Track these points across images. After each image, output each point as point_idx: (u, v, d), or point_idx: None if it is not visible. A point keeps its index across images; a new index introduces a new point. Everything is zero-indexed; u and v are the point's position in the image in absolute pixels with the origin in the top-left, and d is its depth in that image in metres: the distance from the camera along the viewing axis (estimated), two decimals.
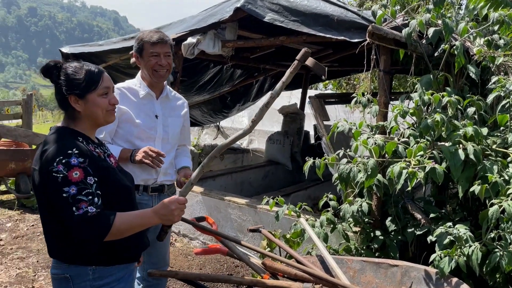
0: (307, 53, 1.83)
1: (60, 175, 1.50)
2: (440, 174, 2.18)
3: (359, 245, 3.09)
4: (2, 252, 4.16)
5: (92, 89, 1.65)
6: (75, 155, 1.53)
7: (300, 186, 5.58)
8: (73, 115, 1.68)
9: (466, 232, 2.21)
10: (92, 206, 1.52)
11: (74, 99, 1.64)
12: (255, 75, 6.44)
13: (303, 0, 3.54)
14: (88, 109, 1.66)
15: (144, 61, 2.43)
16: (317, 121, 3.64)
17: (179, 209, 1.61)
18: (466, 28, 2.61)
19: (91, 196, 1.53)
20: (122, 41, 4.93)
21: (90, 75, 1.66)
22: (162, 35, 2.42)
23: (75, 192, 1.50)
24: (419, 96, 2.54)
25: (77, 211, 1.49)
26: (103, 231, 1.53)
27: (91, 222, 1.51)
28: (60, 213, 1.53)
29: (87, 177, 1.54)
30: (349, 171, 2.57)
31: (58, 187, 1.50)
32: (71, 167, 1.51)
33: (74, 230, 1.52)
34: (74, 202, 1.50)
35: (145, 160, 2.31)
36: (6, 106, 10.07)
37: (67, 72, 1.65)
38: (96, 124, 1.73)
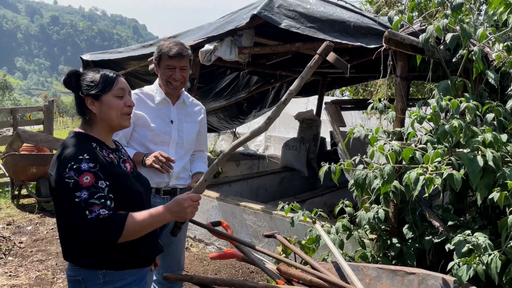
0: (329, 46, 1.72)
1: (72, 180, 1.53)
2: (458, 180, 2.15)
3: (376, 253, 3.06)
4: (22, 254, 4.25)
5: (107, 90, 1.69)
6: (85, 160, 1.56)
7: (316, 193, 5.56)
8: (90, 119, 1.72)
9: (485, 240, 2.17)
10: (104, 208, 1.54)
11: (91, 101, 1.69)
12: (271, 82, 6.47)
13: (319, 7, 3.55)
14: (103, 111, 1.69)
15: (160, 71, 2.49)
16: (333, 127, 3.63)
17: (192, 206, 1.62)
18: (485, 34, 2.58)
19: (104, 199, 1.55)
20: (141, 48, 5.02)
21: (105, 77, 1.70)
22: (181, 49, 2.42)
23: (86, 196, 1.52)
24: (436, 102, 2.51)
25: (90, 215, 1.52)
26: (117, 232, 1.55)
27: (104, 224, 1.53)
28: (73, 217, 1.55)
29: (98, 181, 1.56)
30: (365, 177, 2.56)
31: (70, 193, 1.53)
32: (82, 172, 1.54)
33: (88, 233, 1.54)
34: (86, 206, 1.52)
35: (154, 165, 2.35)
36: (28, 112, 10.32)
37: (84, 77, 1.71)
38: (111, 127, 1.75)
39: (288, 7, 3.69)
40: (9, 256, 4.17)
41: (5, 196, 6.32)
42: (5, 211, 5.66)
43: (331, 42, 1.74)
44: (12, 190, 6.15)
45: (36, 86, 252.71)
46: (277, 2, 3.76)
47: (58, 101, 58.88)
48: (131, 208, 1.69)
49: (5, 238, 4.54)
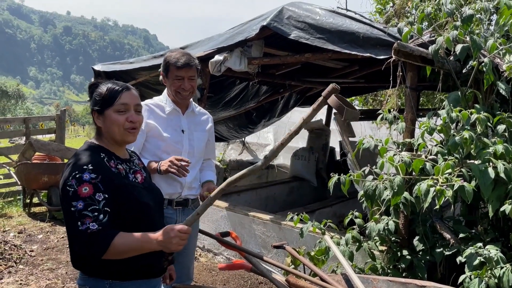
0: (334, 90, 1.74)
1: (72, 189, 1.56)
2: (469, 192, 2.13)
3: (386, 265, 3.03)
4: (33, 263, 4.28)
5: (108, 105, 1.71)
6: (88, 170, 1.58)
7: (325, 203, 5.53)
8: (98, 130, 1.76)
9: (497, 253, 2.14)
10: (95, 222, 1.54)
11: (96, 115, 1.72)
12: (281, 91, 6.49)
13: (329, 18, 3.57)
14: (106, 125, 1.72)
15: (168, 82, 2.51)
16: (342, 138, 3.63)
17: (178, 237, 1.56)
18: (495, 45, 2.57)
19: (97, 212, 1.56)
20: (151, 58, 5.07)
21: (109, 92, 1.72)
22: (188, 59, 2.45)
23: (81, 207, 1.54)
24: (446, 113, 2.50)
25: (81, 226, 1.53)
26: (100, 249, 1.55)
27: (90, 238, 1.54)
28: (67, 225, 1.59)
29: (96, 193, 1.57)
30: (374, 188, 2.54)
31: (68, 201, 1.56)
32: (82, 182, 1.56)
33: (75, 243, 1.57)
34: (79, 217, 1.54)
35: (171, 169, 2.35)
36: (40, 121, 10.46)
37: (94, 90, 1.75)
38: (115, 141, 1.76)
39: (297, 18, 3.72)
40: (20, 264, 4.21)
41: (17, 205, 6.39)
42: (16, 219, 5.72)
43: (337, 86, 1.73)
44: (23, 198, 6.21)
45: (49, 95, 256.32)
46: (286, 13, 3.79)
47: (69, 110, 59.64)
48: (138, 219, 1.70)
49: (16, 246, 4.58)
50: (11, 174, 6.37)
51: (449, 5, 2.53)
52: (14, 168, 6.25)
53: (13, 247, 4.53)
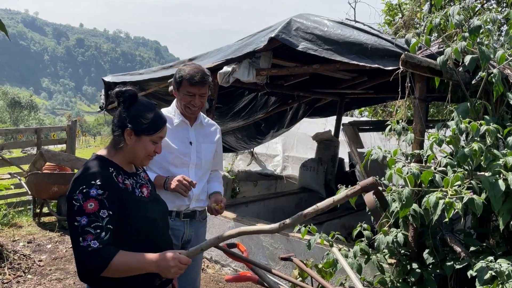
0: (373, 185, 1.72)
1: (77, 203, 1.56)
2: (479, 205, 2.09)
3: (395, 278, 2.98)
4: (41, 273, 4.30)
5: (150, 133, 1.73)
6: (96, 186, 1.58)
7: (333, 215, 5.47)
8: (118, 143, 1.74)
9: (509, 267, 2.09)
10: (96, 240, 1.55)
11: (130, 132, 1.71)
12: (289, 102, 6.49)
13: (337, 29, 3.58)
14: (135, 147, 1.73)
15: (179, 96, 2.50)
16: (350, 149, 3.61)
17: (177, 267, 1.59)
18: (505, 56, 2.55)
19: (99, 230, 1.56)
20: (161, 69, 5.12)
21: (155, 120, 1.74)
22: (202, 76, 2.43)
23: (85, 223, 1.55)
24: (455, 124, 2.48)
25: (82, 242, 1.54)
26: (99, 267, 1.55)
27: (90, 256, 1.54)
28: (70, 237, 1.59)
29: (101, 210, 1.57)
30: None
31: (73, 215, 1.56)
32: (88, 198, 1.56)
33: (77, 258, 1.57)
34: (82, 233, 1.54)
35: (178, 189, 2.37)
36: (52, 132, 10.60)
37: (139, 107, 1.73)
38: (132, 161, 1.79)
39: (305, 29, 3.73)
40: (28, 274, 4.22)
41: (27, 214, 6.44)
42: (26, 229, 5.76)
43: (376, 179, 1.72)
44: (34, 208, 6.26)
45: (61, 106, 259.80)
46: (294, 25, 3.81)
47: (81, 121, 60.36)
48: (143, 234, 1.70)
49: (25, 256, 4.60)
50: (22, 184, 6.43)
51: (457, 16, 2.52)
52: (24, 178, 6.31)
53: (22, 256, 4.55)
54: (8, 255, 4.37)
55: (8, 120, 51.67)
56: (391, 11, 7.30)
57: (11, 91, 62.44)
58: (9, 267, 4.21)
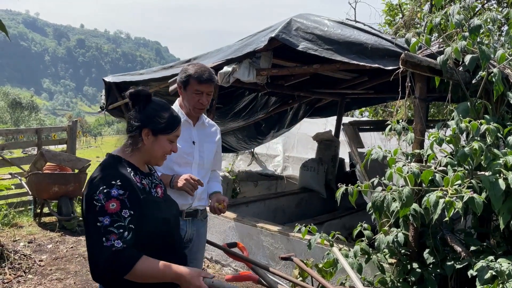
0: None
1: (99, 204, 1.55)
2: (479, 204, 2.09)
3: (395, 278, 2.98)
4: (42, 272, 4.30)
5: (167, 132, 1.75)
6: (117, 186, 1.58)
7: (334, 215, 5.48)
8: (136, 143, 1.74)
9: (509, 267, 2.09)
10: (119, 240, 1.54)
11: (147, 132, 1.72)
12: (290, 102, 6.49)
13: (337, 29, 3.58)
14: (152, 146, 1.74)
15: (186, 95, 2.51)
16: (351, 148, 3.60)
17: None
18: (505, 55, 2.55)
19: (122, 229, 1.56)
20: (161, 70, 5.13)
21: (172, 120, 1.76)
22: (210, 75, 2.47)
23: (108, 223, 1.54)
24: (456, 124, 2.48)
25: (106, 242, 1.53)
26: (124, 269, 1.54)
27: (116, 256, 1.53)
28: (90, 239, 1.58)
29: (122, 209, 1.57)
30: (382, 199, 2.51)
31: (94, 215, 1.55)
32: (110, 198, 1.56)
33: (100, 259, 1.55)
34: (105, 233, 1.53)
35: (185, 188, 2.37)
36: (52, 132, 10.62)
37: (155, 107, 1.74)
38: (148, 161, 1.80)
39: (305, 29, 3.73)
40: (29, 274, 4.23)
41: (27, 214, 6.45)
42: (27, 229, 5.76)
43: None
44: (34, 208, 6.27)
45: (62, 106, 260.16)
46: (294, 25, 3.81)
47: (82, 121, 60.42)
48: (158, 234, 1.70)
49: (26, 256, 4.61)
50: (23, 184, 6.43)
51: (457, 15, 2.52)
52: (25, 178, 6.32)
53: (22, 256, 4.55)
54: (8, 255, 4.38)
55: (9, 121, 51.75)
56: (391, 11, 7.29)
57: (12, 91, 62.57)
58: (10, 267, 4.21)
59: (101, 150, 19.24)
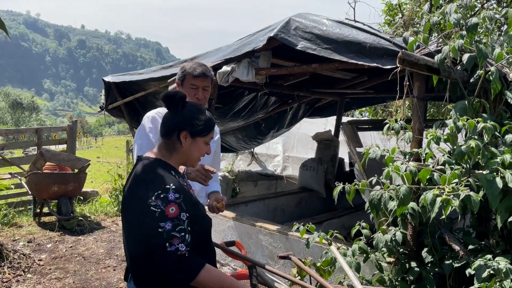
0: None
1: (158, 210, 1.54)
2: (476, 202, 2.09)
3: (394, 276, 2.98)
4: (41, 272, 4.30)
5: (204, 134, 1.75)
6: (172, 190, 1.58)
7: (333, 214, 5.48)
8: (174, 147, 1.74)
9: (506, 265, 2.09)
10: (183, 244, 1.54)
11: (185, 134, 1.72)
12: (289, 102, 6.49)
13: (335, 28, 3.58)
14: (190, 148, 1.74)
15: (184, 91, 2.54)
16: (349, 148, 3.61)
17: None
18: (502, 54, 2.55)
19: (183, 232, 1.55)
20: (161, 69, 5.13)
21: (208, 122, 1.77)
22: (205, 69, 2.53)
23: (170, 228, 1.53)
24: (453, 122, 2.48)
25: (170, 247, 1.52)
26: (189, 276, 1.54)
27: (180, 261, 1.53)
28: (152, 246, 1.55)
29: (181, 213, 1.57)
30: (380, 197, 2.52)
31: (155, 222, 1.53)
32: (168, 203, 1.55)
33: (162, 265, 1.53)
34: (168, 238, 1.52)
35: (198, 179, 2.39)
36: (52, 132, 10.63)
37: (192, 110, 1.75)
38: (184, 163, 1.80)
39: (304, 29, 3.73)
40: (28, 273, 4.23)
41: (27, 214, 6.45)
42: (26, 228, 5.77)
43: None
44: (34, 208, 6.27)
45: (62, 107, 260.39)
46: (293, 24, 3.81)
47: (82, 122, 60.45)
48: (203, 233, 1.71)
49: (25, 255, 4.61)
50: (22, 184, 6.44)
51: (454, 14, 2.52)
52: (25, 177, 6.33)
53: (22, 256, 4.56)
54: (8, 255, 4.38)
55: (10, 121, 51.81)
56: (391, 11, 7.29)
57: (13, 92, 62.66)
58: (9, 266, 4.22)
59: (102, 150, 19.24)
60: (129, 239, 1.65)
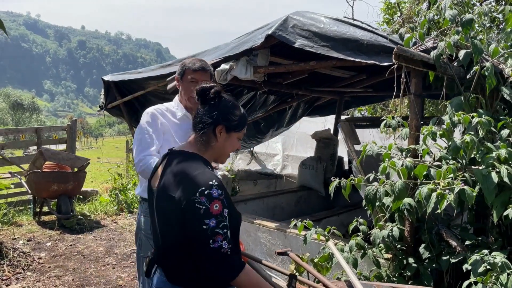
0: None
1: (203, 206, 1.53)
2: (470, 196, 2.10)
3: (391, 272, 2.99)
4: (40, 270, 4.32)
5: (238, 130, 1.76)
6: (215, 186, 1.56)
7: (332, 212, 5.49)
8: (208, 141, 1.73)
9: (502, 259, 2.10)
10: (226, 241, 1.54)
11: (221, 129, 1.71)
12: (289, 101, 6.50)
13: (333, 26, 3.59)
14: (224, 143, 1.74)
15: (183, 85, 2.65)
16: (347, 145, 3.62)
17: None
18: (497, 49, 2.56)
19: (226, 229, 1.55)
20: (160, 68, 5.14)
21: (243, 117, 1.78)
22: (204, 64, 2.63)
23: (214, 224, 1.52)
24: (449, 117, 2.49)
25: (213, 244, 1.51)
26: (231, 275, 1.55)
27: (224, 259, 1.53)
28: (195, 243, 1.55)
29: (223, 209, 1.56)
30: (375, 192, 2.53)
31: (200, 218, 1.52)
32: (213, 199, 1.54)
33: (205, 262, 1.53)
34: (211, 235, 1.52)
35: None
36: (52, 132, 10.65)
37: (227, 104, 1.74)
38: (217, 158, 1.79)
39: (302, 26, 3.74)
40: (27, 271, 4.25)
41: (27, 213, 6.47)
42: (26, 227, 5.78)
43: None
44: (34, 207, 6.29)
45: (63, 108, 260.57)
46: (291, 22, 3.82)
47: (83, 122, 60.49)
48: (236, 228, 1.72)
49: (25, 254, 4.63)
50: (22, 183, 6.46)
51: (450, 11, 2.53)
52: (24, 177, 6.35)
53: (21, 254, 4.58)
54: (7, 253, 4.40)
55: (10, 122, 51.87)
56: (389, 9, 7.30)
57: (13, 93, 62.71)
58: (9, 264, 4.24)
59: (102, 151, 19.25)
60: (166, 234, 1.64)
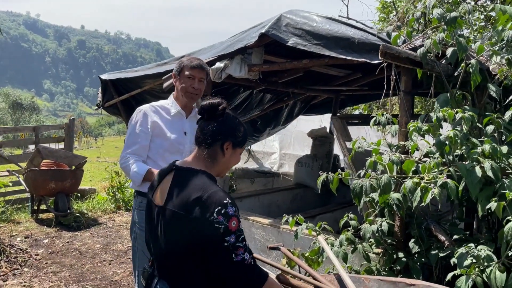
0: None
1: (222, 226, 1.56)
2: (452, 188, 2.15)
3: (381, 267, 3.04)
4: (37, 266, 4.37)
5: (241, 145, 1.82)
6: (230, 204, 1.60)
7: (326, 209, 5.54)
8: (215, 157, 1.76)
9: (485, 251, 2.15)
10: (247, 252, 1.59)
11: (228, 144, 1.75)
12: (285, 100, 6.55)
13: (325, 24, 3.64)
14: (229, 159, 1.79)
15: (180, 81, 2.72)
16: (339, 141, 3.67)
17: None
18: (482, 47, 2.61)
19: (245, 241, 1.61)
20: (156, 66, 5.19)
21: (246, 133, 1.83)
22: (201, 63, 2.73)
23: (234, 240, 1.57)
24: (435, 114, 2.54)
25: (236, 257, 1.56)
26: (259, 284, 1.60)
27: (248, 270, 1.58)
28: (217, 260, 1.58)
29: (239, 224, 1.63)
30: (361, 186, 2.58)
31: (220, 238, 1.56)
32: (230, 217, 1.58)
33: (230, 276, 1.58)
34: (233, 249, 1.56)
35: None
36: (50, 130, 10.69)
37: (233, 120, 1.79)
38: (220, 173, 1.81)
39: (295, 25, 3.79)
40: (24, 267, 4.30)
41: (25, 211, 6.52)
42: (24, 224, 5.83)
43: None
44: (32, 205, 6.34)
45: (62, 107, 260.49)
46: (284, 20, 3.87)
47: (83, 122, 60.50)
48: None
49: (22, 250, 4.68)
50: (20, 181, 6.51)
51: (436, 9, 2.58)
52: (22, 175, 6.39)
53: (19, 250, 4.63)
54: (5, 249, 4.45)
55: (10, 122, 51.91)
56: (385, 8, 7.34)
57: (13, 92, 62.70)
58: (6, 261, 4.28)
59: (101, 150, 19.30)
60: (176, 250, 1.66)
